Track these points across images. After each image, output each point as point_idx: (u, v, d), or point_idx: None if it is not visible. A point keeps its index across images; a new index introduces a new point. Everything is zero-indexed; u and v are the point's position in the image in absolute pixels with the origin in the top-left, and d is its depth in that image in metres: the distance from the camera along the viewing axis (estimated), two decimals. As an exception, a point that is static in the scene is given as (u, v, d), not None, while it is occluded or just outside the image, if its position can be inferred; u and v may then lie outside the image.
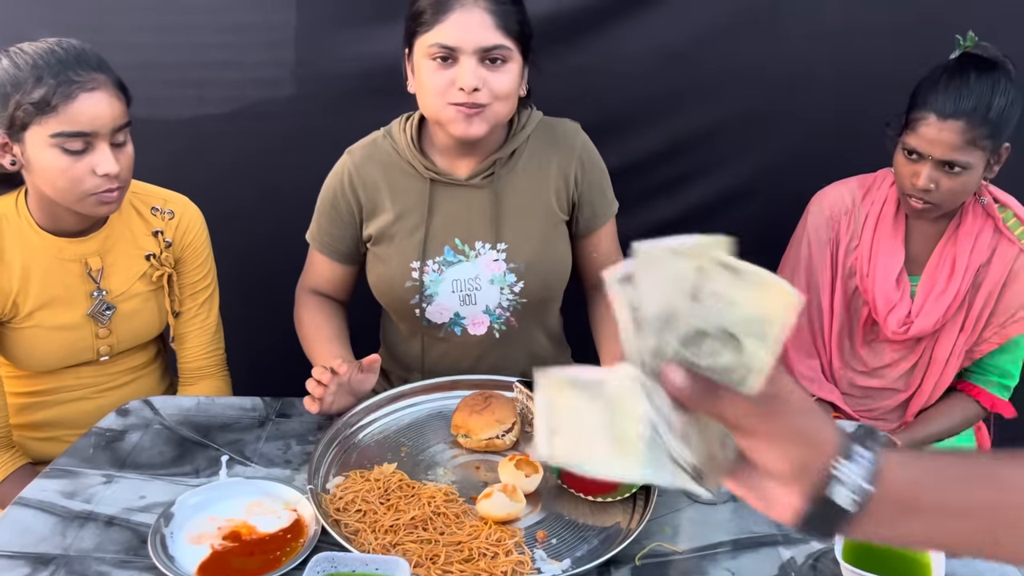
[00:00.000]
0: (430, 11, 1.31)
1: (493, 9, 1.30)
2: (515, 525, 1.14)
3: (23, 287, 1.39)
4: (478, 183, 1.44)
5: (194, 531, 1.11)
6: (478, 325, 1.49)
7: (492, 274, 1.46)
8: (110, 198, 1.33)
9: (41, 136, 1.27)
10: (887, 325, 1.63)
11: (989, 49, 1.47)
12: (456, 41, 1.29)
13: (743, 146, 1.87)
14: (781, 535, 1.14)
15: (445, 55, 1.30)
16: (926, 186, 1.48)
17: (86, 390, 1.52)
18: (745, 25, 1.78)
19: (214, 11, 1.76)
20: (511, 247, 1.45)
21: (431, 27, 1.31)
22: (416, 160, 1.44)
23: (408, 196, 1.45)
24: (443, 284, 1.45)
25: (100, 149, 1.30)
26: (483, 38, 1.29)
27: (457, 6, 1.29)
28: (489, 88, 1.31)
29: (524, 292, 1.47)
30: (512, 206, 1.45)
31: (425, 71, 1.33)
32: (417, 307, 1.47)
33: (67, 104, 1.26)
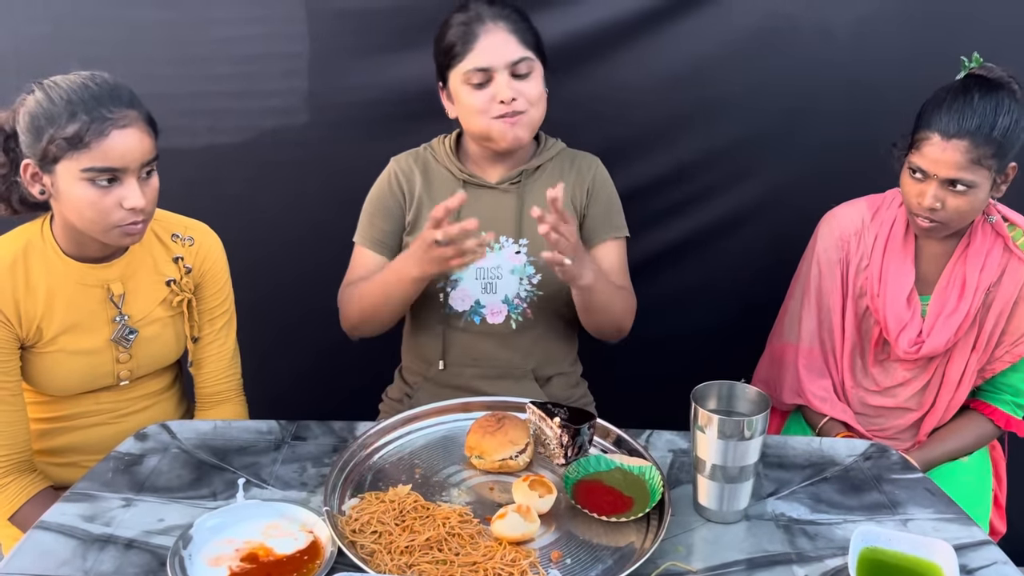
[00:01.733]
0: (460, 43, 1.49)
1: (513, 29, 1.49)
2: (530, 546, 1.14)
3: (47, 312, 1.42)
4: (506, 188, 1.60)
5: (212, 553, 1.12)
6: (496, 314, 1.61)
7: (513, 265, 1.59)
8: (135, 230, 1.36)
9: (72, 170, 1.30)
10: (898, 345, 1.64)
11: (995, 70, 1.49)
12: (488, 62, 1.47)
13: (750, 168, 1.90)
14: (795, 553, 1.14)
15: (481, 79, 1.48)
16: (932, 205, 1.49)
17: (105, 415, 1.54)
18: (750, 49, 1.81)
19: (229, 42, 1.80)
20: (532, 242, 1.59)
21: (463, 56, 1.48)
22: (453, 165, 1.61)
23: (443, 194, 1.57)
24: (468, 271, 1.58)
25: (128, 183, 1.33)
26: (510, 53, 1.48)
27: (483, 32, 1.48)
28: (524, 96, 1.49)
29: (541, 284, 1.59)
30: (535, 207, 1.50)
31: (465, 96, 1.50)
32: (441, 291, 1.59)
33: (100, 141, 1.29)
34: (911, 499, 1.26)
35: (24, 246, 1.42)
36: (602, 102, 1.82)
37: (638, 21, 1.78)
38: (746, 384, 1.22)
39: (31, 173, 1.35)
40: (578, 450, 1.31)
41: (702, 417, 1.17)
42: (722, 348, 1.89)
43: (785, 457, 1.37)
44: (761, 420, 1.15)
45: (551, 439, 1.32)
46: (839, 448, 1.39)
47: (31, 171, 1.34)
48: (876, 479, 1.31)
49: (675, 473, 1.32)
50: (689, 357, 1.72)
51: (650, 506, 1.19)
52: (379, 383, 1.77)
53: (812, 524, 1.20)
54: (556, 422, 1.30)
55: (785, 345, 1.76)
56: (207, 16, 1.78)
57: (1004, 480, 1.79)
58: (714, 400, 1.23)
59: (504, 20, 1.49)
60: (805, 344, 1.73)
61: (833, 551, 1.14)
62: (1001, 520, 1.77)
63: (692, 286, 1.94)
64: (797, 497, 1.26)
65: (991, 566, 1.12)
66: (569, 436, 1.30)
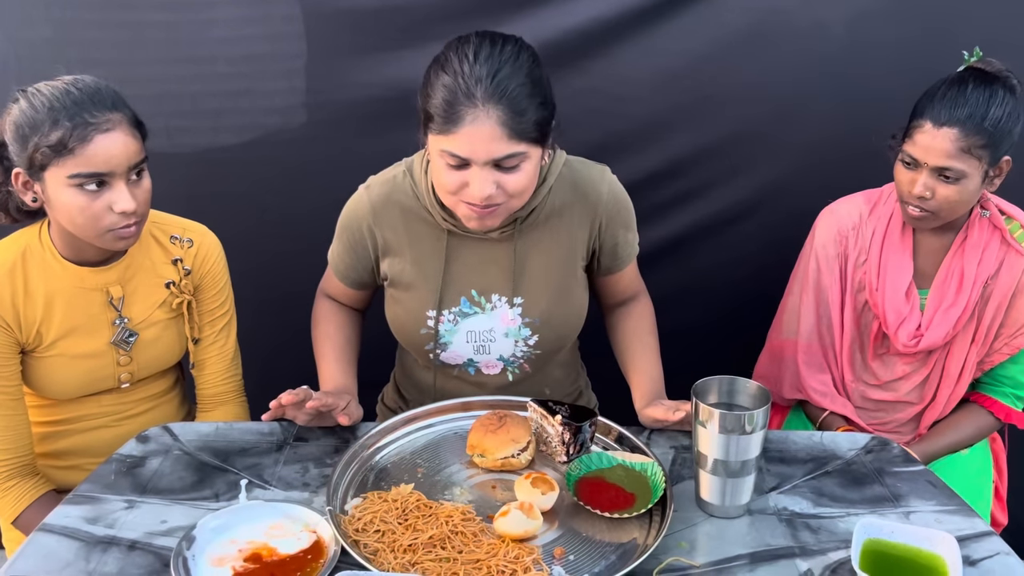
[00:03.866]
0: (440, 119, 1.22)
1: (505, 120, 1.20)
2: (532, 543, 1.15)
3: (47, 316, 1.42)
4: (497, 237, 1.41)
5: (215, 554, 1.12)
6: (492, 367, 1.51)
7: (507, 327, 1.45)
8: (127, 233, 1.36)
9: (59, 176, 1.30)
10: (897, 338, 1.64)
11: (994, 63, 1.50)
12: (467, 153, 1.22)
13: (746, 164, 1.90)
14: (798, 547, 1.14)
15: (456, 164, 1.24)
16: (921, 193, 1.50)
17: (107, 418, 1.54)
18: (747, 43, 1.81)
19: (228, 43, 1.80)
20: (527, 301, 1.43)
21: (441, 133, 1.23)
22: (435, 210, 1.40)
23: (425, 244, 1.43)
24: (457, 334, 1.46)
25: (117, 188, 1.32)
26: (494, 150, 1.21)
27: (468, 118, 1.19)
28: (503, 189, 1.26)
29: (538, 344, 1.47)
30: (532, 261, 1.43)
31: (439, 166, 1.27)
32: (431, 352, 1.49)
33: (83, 146, 1.28)
34: (913, 491, 1.26)
35: (22, 251, 1.42)
36: (599, 97, 1.83)
37: (635, 17, 1.78)
38: (747, 379, 1.23)
39: (22, 181, 1.35)
40: (580, 447, 1.31)
41: (703, 412, 1.17)
42: (721, 343, 1.90)
43: (786, 452, 1.37)
44: (762, 414, 1.15)
45: (553, 437, 1.32)
46: (840, 442, 1.40)
47: (22, 179, 1.34)
48: (878, 472, 1.31)
49: (677, 469, 1.32)
50: (688, 353, 1.72)
51: (652, 502, 1.19)
52: (377, 382, 1.77)
53: (815, 518, 1.20)
54: (558, 420, 1.30)
55: (784, 341, 1.77)
56: (207, 17, 1.78)
57: (1005, 472, 1.79)
58: (715, 395, 1.23)
59: (498, 107, 1.19)
60: (804, 339, 1.73)
61: (836, 544, 1.15)
62: (1003, 512, 1.78)
63: (689, 281, 1.94)
64: (799, 491, 1.27)
65: (994, 557, 1.12)
66: (571, 434, 1.30)
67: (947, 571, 1.05)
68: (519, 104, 1.20)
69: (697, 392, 1.20)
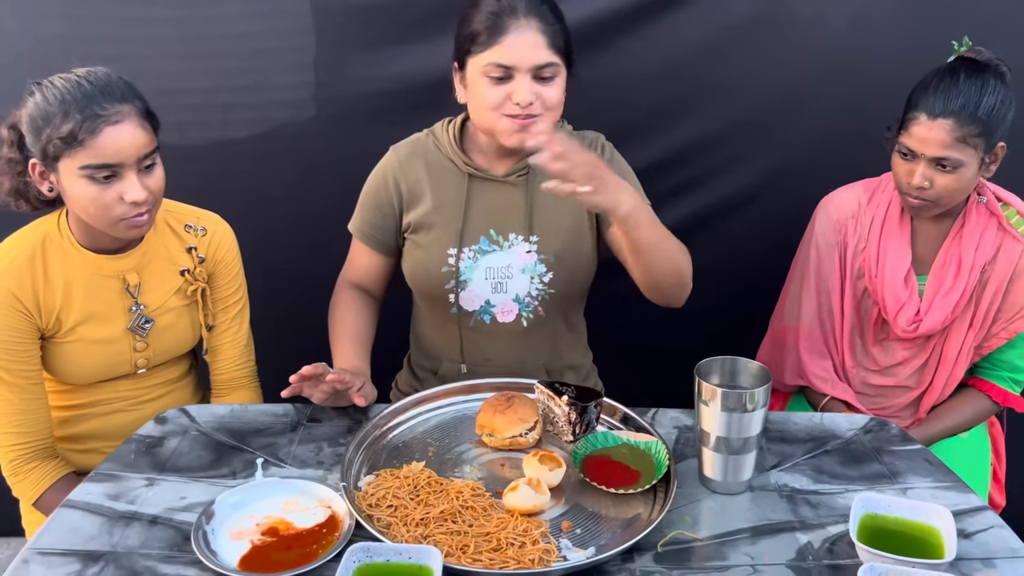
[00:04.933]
0: (486, 33, 1.39)
1: (544, 29, 1.39)
2: (540, 517, 1.18)
3: (66, 303, 1.46)
4: (513, 180, 1.54)
5: (234, 528, 1.16)
6: (507, 313, 1.58)
7: (524, 263, 1.55)
8: (140, 222, 1.39)
9: (71, 168, 1.34)
10: (897, 324, 1.67)
11: (983, 53, 1.53)
12: (512, 60, 1.38)
13: (748, 153, 1.94)
14: (798, 522, 1.18)
15: (501, 74, 1.39)
16: (920, 184, 1.53)
17: (124, 403, 1.58)
18: (749, 34, 1.85)
19: (238, 38, 1.84)
20: (542, 239, 1.54)
21: (487, 47, 1.39)
22: (457, 157, 1.54)
23: (447, 189, 1.55)
24: (477, 271, 1.55)
25: (128, 178, 1.36)
26: (537, 56, 1.39)
27: (513, 28, 1.38)
28: (542, 100, 1.41)
29: (552, 282, 1.56)
30: (544, 202, 1.54)
31: (481, 87, 1.42)
32: (452, 292, 1.56)
33: (93, 138, 1.31)
34: (910, 469, 1.30)
35: (42, 239, 1.46)
36: (604, 87, 1.86)
37: (640, 8, 1.82)
38: (748, 359, 1.26)
39: (39, 172, 1.39)
40: (586, 427, 1.35)
41: (706, 391, 1.20)
42: (724, 329, 1.93)
43: (787, 432, 1.40)
44: (763, 392, 1.19)
45: (559, 417, 1.36)
46: (840, 422, 1.43)
47: (38, 170, 1.39)
48: (876, 451, 1.35)
49: (680, 448, 1.35)
50: (692, 337, 1.76)
51: (656, 478, 1.23)
52: (390, 369, 1.81)
53: (814, 494, 1.24)
54: (564, 400, 1.34)
55: (786, 327, 1.80)
56: (217, 12, 1.82)
57: (1003, 455, 1.83)
58: (717, 375, 1.27)
59: (537, 18, 1.39)
60: (805, 326, 1.76)
61: (835, 518, 1.18)
62: (1000, 494, 1.81)
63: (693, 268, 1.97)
64: (800, 469, 1.30)
65: (988, 530, 1.15)
66: (577, 413, 1.33)
67: (942, 542, 1.08)
68: (552, 19, 1.41)
69: (700, 372, 1.24)
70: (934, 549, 1.08)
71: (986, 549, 1.12)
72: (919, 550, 1.08)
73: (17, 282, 1.42)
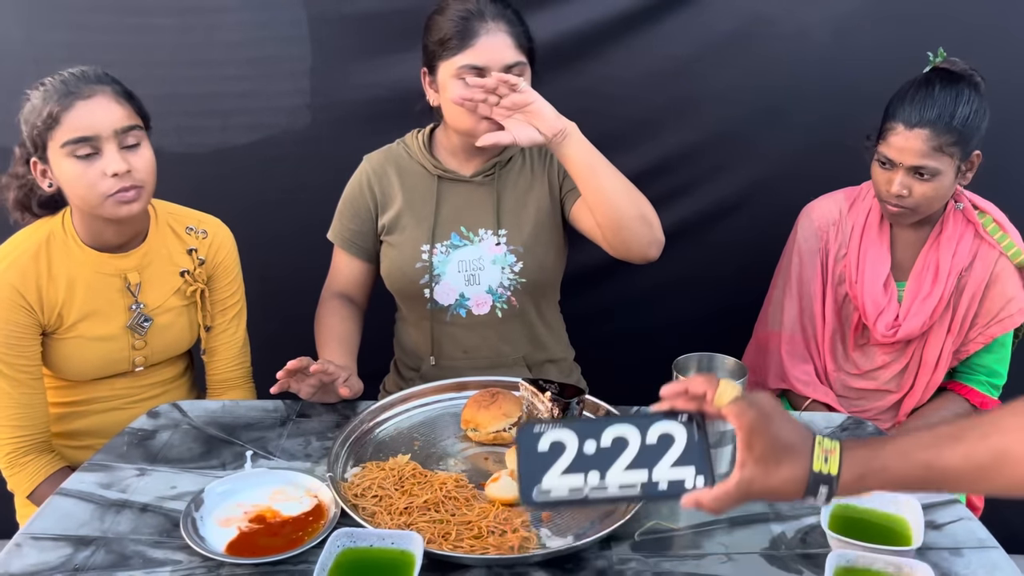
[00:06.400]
0: (457, 37, 1.47)
1: (510, 31, 1.48)
2: (521, 508, 1.21)
3: (68, 299, 1.50)
4: (480, 180, 1.62)
5: (222, 515, 1.19)
6: (481, 305, 1.64)
7: (494, 255, 1.62)
8: (126, 197, 1.42)
9: (55, 150, 1.40)
10: (876, 329, 1.71)
11: (958, 63, 1.58)
12: (484, 62, 1.46)
13: (734, 161, 1.98)
14: (773, 513, 1.21)
15: (475, 75, 1.46)
16: (899, 192, 1.57)
17: (120, 400, 1.61)
18: (733, 47, 1.90)
19: (237, 47, 1.89)
20: (510, 232, 1.62)
21: (459, 51, 1.47)
22: (427, 160, 1.63)
23: (418, 190, 1.63)
24: (450, 265, 1.61)
25: (108, 152, 1.40)
26: (506, 56, 1.47)
27: (483, 31, 1.46)
28: None
29: (523, 271, 1.62)
30: (510, 199, 1.63)
31: (455, 89, 1.48)
32: (426, 287, 1.62)
33: (67, 113, 1.38)
34: (884, 465, 1.32)
35: (47, 236, 1.50)
36: (590, 97, 1.91)
37: (626, 20, 1.87)
38: (724, 355, 1.30)
39: (40, 170, 1.44)
40: (568, 423, 1.38)
41: (683, 385, 1.24)
42: (708, 335, 1.95)
43: (766, 429, 1.43)
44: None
45: (543, 413, 1.39)
46: (817, 421, 1.46)
47: (39, 168, 1.44)
48: (851, 448, 1.37)
49: (661, 444, 1.38)
50: (677, 343, 1.78)
51: (635, 471, 1.25)
52: (377, 374, 1.84)
53: (789, 488, 1.27)
54: (547, 396, 1.37)
55: (769, 332, 1.84)
56: (216, 22, 1.87)
57: (982, 460, 1.85)
58: (694, 370, 1.30)
59: (504, 20, 1.48)
60: (788, 331, 1.80)
61: (808, 510, 1.21)
62: (979, 497, 1.83)
63: (678, 274, 2.01)
64: (776, 464, 1.33)
65: (957, 522, 1.19)
66: (560, 409, 1.36)
67: (910, 530, 1.12)
68: (516, 21, 1.50)
69: (678, 367, 1.27)
70: (902, 537, 1.11)
71: (954, 539, 1.15)
72: (888, 538, 1.11)
73: (21, 278, 1.46)
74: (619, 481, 0.93)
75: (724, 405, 0.94)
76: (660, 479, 0.93)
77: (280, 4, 1.87)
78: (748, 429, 0.91)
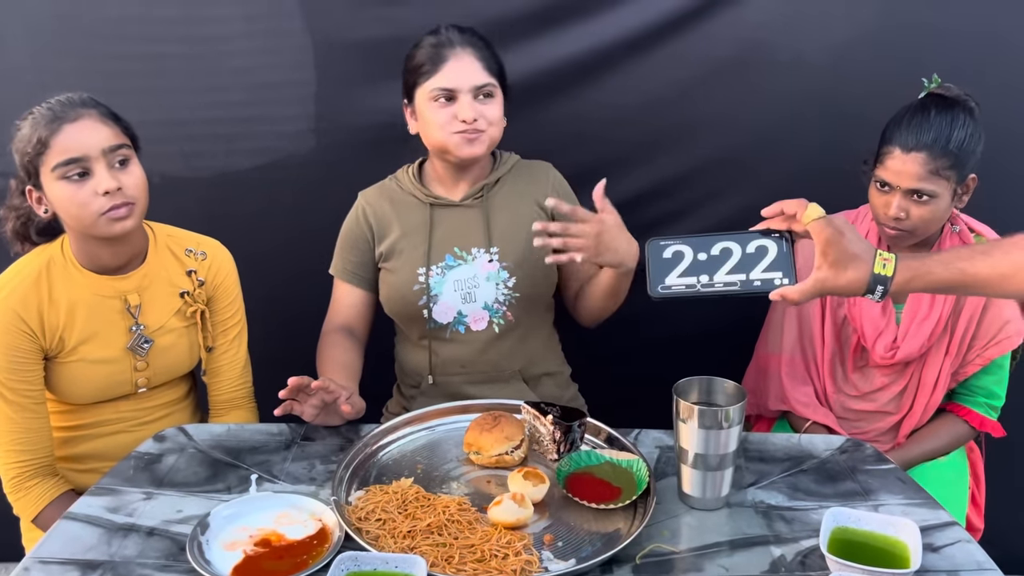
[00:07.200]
0: (429, 63, 1.59)
1: (478, 56, 1.60)
2: (524, 531, 1.22)
3: (69, 323, 1.51)
4: (471, 203, 1.70)
5: (228, 539, 1.20)
6: (479, 321, 1.70)
7: (488, 272, 1.68)
8: (119, 214, 1.45)
9: (47, 175, 1.43)
10: (875, 351, 1.73)
11: (952, 89, 1.61)
12: (454, 83, 1.58)
13: (731, 186, 2.00)
14: (772, 536, 1.22)
15: (447, 95, 1.58)
16: (897, 215, 1.59)
17: (124, 423, 1.62)
18: (730, 73, 1.92)
19: (243, 73, 1.92)
20: (502, 249, 1.69)
21: (431, 75, 1.59)
22: (418, 190, 1.71)
23: (412, 218, 1.70)
24: (446, 284, 1.67)
25: (98, 171, 1.43)
26: (475, 78, 1.59)
27: (451, 56, 1.58)
28: (484, 117, 1.60)
29: (517, 286, 1.69)
30: (499, 218, 1.70)
31: (429, 111, 1.60)
32: (425, 307, 1.68)
33: (55, 137, 1.42)
34: (883, 487, 1.34)
35: (47, 262, 1.52)
36: (589, 122, 1.94)
37: (625, 48, 1.90)
38: (724, 379, 1.31)
39: (35, 197, 1.48)
40: (570, 446, 1.39)
41: (684, 409, 1.25)
42: (706, 357, 1.97)
43: (766, 452, 1.45)
44: (737, 410, 1.24)
45: (544, 436, 1.40)
46: (817, 443, 1.48)
47: (35, 196, 1.47)
48: (851, 470, 1.39)
49: (661, 467, 1.40)
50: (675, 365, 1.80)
51: (636, 494, 1.27)
52: (382, 396, 1.86)
53: (789, 510, 1.28)
54: (549, 419, 1.39)
55: (769, 355, 1.85)
56: (223, 49, 1.90)
57: (983, 480, 1.86)
58: (695, 394, 1.32)
59: (471, 47, 1.60)
60: (787, 353, 1.81)
61: (808, 533, 1.22)
62: (979, 518, 1.84)
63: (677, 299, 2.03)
64: (776, 486, 1.34)
65: (956, 544, 1.19)
66: (561, 432, 1.38)
67: (908, 554, 1.13)
68: (484, 49, 1.62)
69: (678, 391, 1.29)
70: (901, 560, 1.12)
71: (953, 562, 1.16)
72: (887, 562, 1.12)
73: (23, 304, 1.48)
74: (724, 280, 1.23)
75: (809, 223, 1.22)
76: (755, 279, 1.23)
77: (286, 31, 1.90)
78: (825, 241, 1.20)
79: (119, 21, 1.88)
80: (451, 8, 1.82)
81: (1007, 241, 1.19)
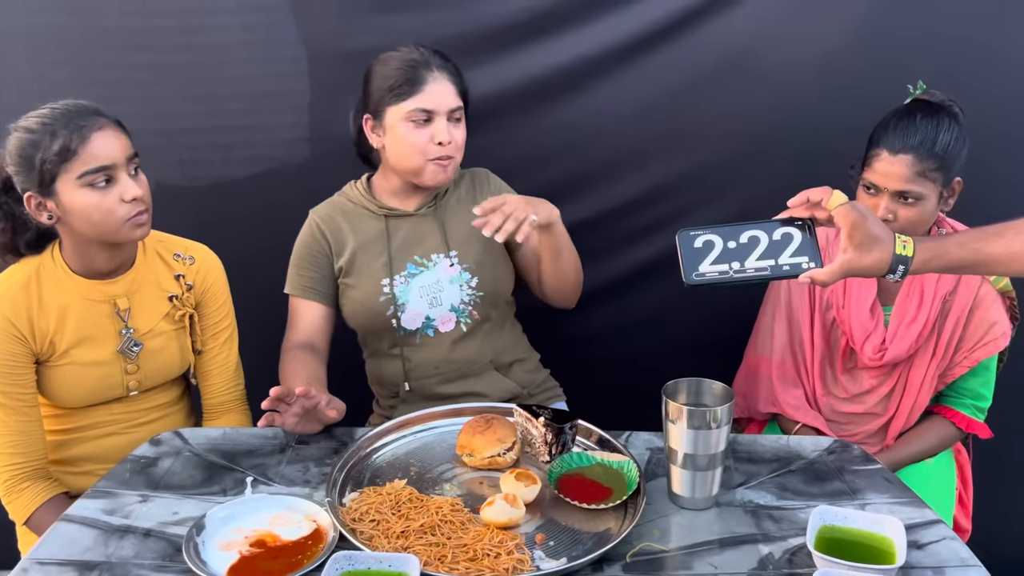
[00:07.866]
0: (407, 84, 1.62)
1: (452, 80, 1.66)
2: (516, 530, 1.24)
3: (59, 327, 1.53)
4: (424, 212, 1.75)
5: (223, 540, 1.22)
6: (447, 323, 1.75)
7: (450, 276, 1.73)
8: (142, 220, 1.50)
9: (70, 181, 1.44)
10: (863, 353, 1.75)
11: (937, 95, 1.64)
12: (433, 105, 1.63)
13: (721, 191, 2.03)
14: (761, 535, 1.24)
15: (425, 117, 1.62)
16: (884, 216, 1.62)
17: (117, 426, 1.64)
18: (720, 80, 1.95)
19: (239, 82, 1.95)
20: (461, 252, 1.74)
21: (410, 96, 1.62)
22: (371, 203, 1.75)
23: (368, 231, 1.74)
24: (412, 292, 1.72)
25: (122, 179, 1.47)
26: (450, 101, 1.64)
27: (430, 79, 1.63)
28: (455, 140, 1.66)
29: (479, 286, 1.74)
30: (454, 224, 1.76)
31: (405, 132, 1.64)
32: (393, 317, 1.71)
33: (84, 146, 1.43)
34: (869, 486, 1.36)
35: (36, 268, 1.54)
36: (581, 128, 1.97)
37: (616, 56, 1.93)
38: (712, 380, 1.33)
39: (35, 204, 1.47)
40: (562, 447, 1.41)
41: (673, 410, 1.27)
42: (698, 360, 1.99)
43: (755, 453, 1.47)
44: (725, 411, 1.26)
45: (536, 438, 1.42)
46: (805, 444, 1.50)
47: (35, 202, 1.47)
48: (838, 470, 1.41)
49: (652, 468, 1.41)
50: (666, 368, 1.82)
51: (627, 494, 1.29)
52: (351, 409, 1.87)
53: (778, 509, 1.30)
54: (541, 421, 1.40)
55: (759, 358, 1.87)
56: (220, 58, 1.93)
57: (970, 482, 1.88)
58: (684, 395, 1.34)
59: (446, 71, 1.64)
60: (778, 356, 1.84)
61: (796, 531, 1.24)
62: (967, 519, 1.86)
63: (667, 301, 2.05)
64: (764, 487, 1.36)
65: (940, 541, 1.21)
66: (553, 434, 1.40)
67: (894, 550, 1.14)
68: (454, 70, 1.67)
69: (667, 392, 1.31)
70: (887, 556, 1.14)
71: (937, 559, 1.18)
72: (873, 558, 1.14)
73: (12, 309, 1.50)
74: (754, 266, 1.28)
75: (834, 208, 1.28)
76: (784, 263, 1.28)
77: (281, 42, 1.93)
78: (851, 224, 1.27)
79: (117, 31, 1.91)
80: (443, 18, 1.85)
81: (1019, 222, 1.27)
